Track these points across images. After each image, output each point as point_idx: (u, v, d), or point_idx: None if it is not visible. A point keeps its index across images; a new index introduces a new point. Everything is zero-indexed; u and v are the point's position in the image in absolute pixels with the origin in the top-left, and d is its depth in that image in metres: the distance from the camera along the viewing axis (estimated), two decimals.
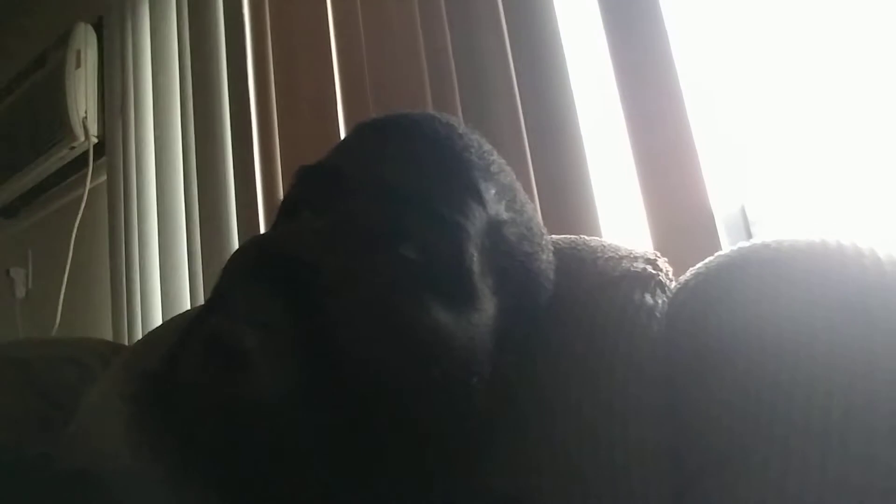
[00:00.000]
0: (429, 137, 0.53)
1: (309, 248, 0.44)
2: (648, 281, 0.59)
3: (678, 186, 0.82)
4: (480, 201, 0.51)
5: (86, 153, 1.77)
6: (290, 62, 1.29)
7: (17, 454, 0.53)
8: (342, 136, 1.18)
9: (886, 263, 0.48)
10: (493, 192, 0.53)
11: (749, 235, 0.83)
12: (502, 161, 0.58)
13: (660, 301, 0.58)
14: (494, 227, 0.52)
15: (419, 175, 0.50)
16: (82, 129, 1.76)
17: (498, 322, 0.51)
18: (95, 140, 1.78)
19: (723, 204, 0.82)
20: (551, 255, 0.60)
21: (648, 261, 0.61)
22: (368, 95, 1.13)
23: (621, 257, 0.61)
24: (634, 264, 0.60)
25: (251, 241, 0.51)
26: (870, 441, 0.42)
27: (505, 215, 0.53)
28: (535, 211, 0.60)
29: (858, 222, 0.78)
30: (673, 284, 0.60)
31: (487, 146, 0.57)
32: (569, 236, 0.66)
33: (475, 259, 0.49)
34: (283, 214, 0.54)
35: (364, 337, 0.43)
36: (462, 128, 0.56)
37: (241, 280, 0.46)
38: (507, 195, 0.55)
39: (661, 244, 0.81)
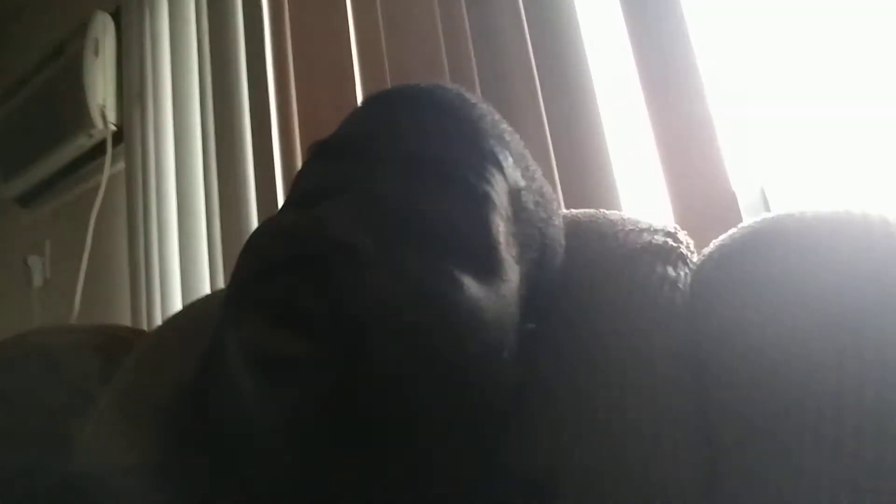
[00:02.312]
0: (442, 106, 0.52)
1: (340, 229, 0.42)
2: (670, 253, 0.58)
3: (698, 162, 0.81)
4: (500, 169, 0.51)
5: (104, 141, 1.77)
6: (308, 48, 1.29)
7: (19, 460, 0.53)
8: None
9: None
10: (510, 159, 0.52)
11: (768, 210, 0.82)
12: (509, 127, 0.57)
13: (682, 273, 0.57)
14: (515, 195, 0.51)
15: (440, 145, 0.49)
16: (100, 117, 1.76)
17: (521, 290, 0.51)
18: (114, 128, 1.77)
19: (742, 184, 0.81)
20: (561, 218, 0.59)
21: (668, 234, 0.60)
22: (387, 82, 1.13)
23: (641, 230, 0.61)
24: (655, 237, 0.60)
25: (274, 224, 0.49)
26: None
27: (522, 182, 0.53)
28: (541, 175, 0.59)
29: (878, 202, 0.77)
30: (694, 257, 0.59)
31: (497, 115, 0.56)
32: (588, 210, 0.66)
33: (501, 229, 0.48)
34: (299, 194, 0.52)
35: (401, 316, 0.42)
36: (470, 95, 0.55)
37: (269, 270, 0.44)
38: (521, 162, 0.54)
39: (682, 219, 0.81)
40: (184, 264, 1.52)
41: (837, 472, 0.43)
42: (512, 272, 0.50)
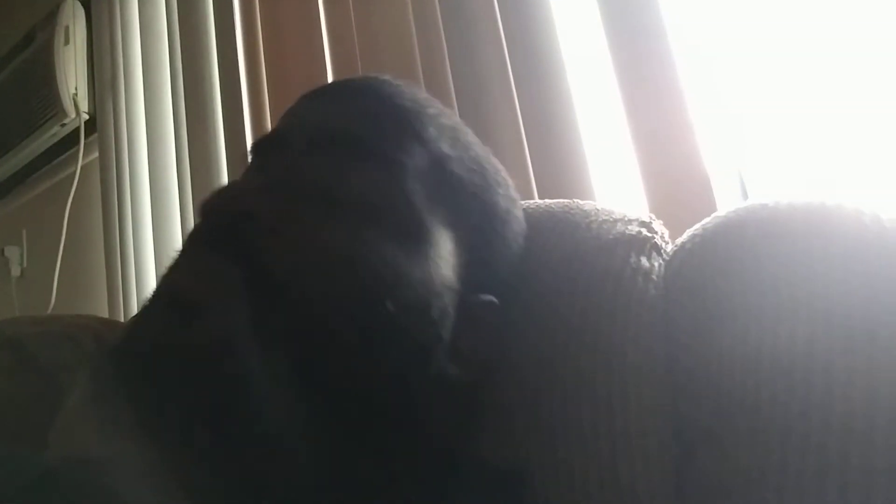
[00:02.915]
0: (364, 91, 0.55)
1: (245, 199, 0.46)
2: (644, 244, 0.58)
3: (674, 151, 0.80)
4: (419, 139, 0.52)
5: (77, 130, 1.76)
6: (279, 34, 1.28)
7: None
8: None
9: (886, 221, 0.48)
10: (431, 130, 0.53)
11: (745, 198, 0.82)
12: (443, 108, 0.58)
13: (656, 264, 0.57)
14: (438, 163, 0.53)
15: (357, 123, 0.52)
16: (73, 105, 1.75)
17: (460, 256, 0.52)
18: (86, 117, 1.76)
19: (720, 173, 0.81)
20: (513, 191, 0.60)
21: (643, 223, 0.60)
22: (358, 63, 1.12)
23: (615, 220, 0.60)
24: (629, 227, 0.59)
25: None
26: (872, 400, 0.42)
27: (449, 152, 0.54)
28: (488, 152, 0.60)
29: (858, 189, 0.77)
30: (669, 247, 0.59)
31: (423, 95, 0.57)
32: (562, 200, 0.66)
33: (419, 192, 0.50)
34: None
35: (302, 274, 0.44)
36: (397, 83, 0.57)
37: (189, 246, 0.47)
38: (448, 134, 0.55)
39: (657, 208, 0.80)
40: (158, 252, 1.52)
41: (806, 461, 0.43)
42: (439, 235, 0.50)
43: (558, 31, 0.93)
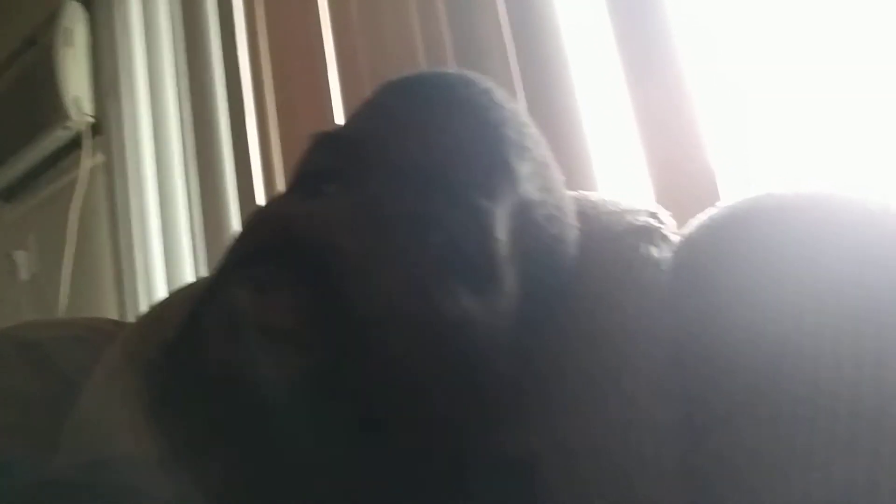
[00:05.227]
0: (463, 107, 0.49)
1: (331, 231, 0.43)
2: (652, 234, 0.58)
3: (678, 140, 0.81)
4: (512, 181, 0.49)
5: (81, 133, 1.75)
6: (282, 34, 1.28)
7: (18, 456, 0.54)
8: (337, 107, 1.16)
9: (893, 210, 0.48)
10: (526, 170, 0.50)
11: (750, 188, 0.81)
12: (536, 133, 0.55)
13: (664, 254, 0.57)
14: (524, 209, 0.49)
15: (448, 152, 0.47)
16: (76, 109, 1.73)
17: (521, 306, 0.49)
18: (91, 120, 1.75)
19: (724, 163, 0.81)
20: (576, 229, 0.57)
21: (650, 214, 0.60)
22: (360, 59, 1.12)
23: (623, 211, 0.61)
24: (637, 218, 0.60)
25: (270, 214, 0.49)
26: (879, 386, 0.43)
27: (536, 195, 0.51)
28: (563, 185, 0.57)
29: (864, 178, 0.77)
30: (675, 237, 0.59)
31: (523, 117, 0.54)
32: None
33: (502, 244, 0.47)
34: (300, 185, 0.51)
35: (384, 324, 0.42)
36: (499, 95, 0.52)
37: (262, 256, 0.44)
38: (540, 172, 0.52)
39: (661, 198, 0.80)
40: (167, 254, 1.52)
41: (814, 445, 0.43)
42: (511, 287, 0.48)
43: (563, 20, 0.93)
